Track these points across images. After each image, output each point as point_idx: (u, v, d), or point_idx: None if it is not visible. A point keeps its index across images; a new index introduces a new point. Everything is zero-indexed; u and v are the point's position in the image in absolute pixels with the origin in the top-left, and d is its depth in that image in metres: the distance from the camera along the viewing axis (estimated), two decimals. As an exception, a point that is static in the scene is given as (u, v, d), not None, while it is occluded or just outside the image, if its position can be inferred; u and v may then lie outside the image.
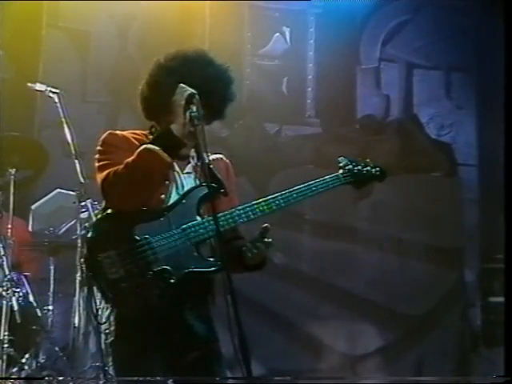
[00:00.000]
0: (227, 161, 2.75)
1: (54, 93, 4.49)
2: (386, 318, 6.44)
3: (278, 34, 6.74)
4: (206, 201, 2.51)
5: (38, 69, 6.01)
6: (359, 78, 6.87)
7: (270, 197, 2.55)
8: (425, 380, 5.33)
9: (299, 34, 6.78)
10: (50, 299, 4.82)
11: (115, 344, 2.51)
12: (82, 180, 4.42)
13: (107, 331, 2.55)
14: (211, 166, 2.50)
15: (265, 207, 2.53)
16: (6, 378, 4.20)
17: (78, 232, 4.60)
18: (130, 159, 2.46)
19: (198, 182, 2.58)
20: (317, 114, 6.79)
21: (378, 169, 2.73)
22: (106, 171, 2.48)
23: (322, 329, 6.20)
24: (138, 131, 2.65)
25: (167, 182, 2.54)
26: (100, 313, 4.77)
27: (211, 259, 2.48)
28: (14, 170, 4.70)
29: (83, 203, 4.47)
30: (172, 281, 2.42)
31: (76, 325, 4.49)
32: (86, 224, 4.51)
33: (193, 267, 2.46)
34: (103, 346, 4.65)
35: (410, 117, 6.96)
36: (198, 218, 2.51)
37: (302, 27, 6.76)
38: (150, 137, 2.60)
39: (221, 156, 2.72)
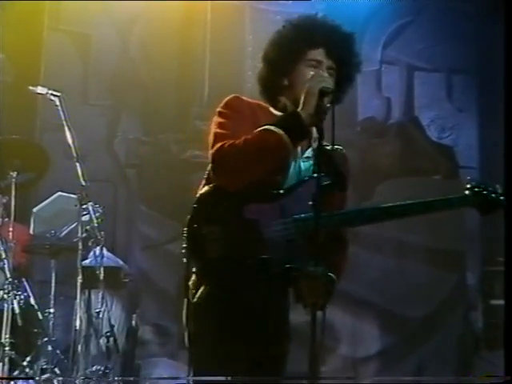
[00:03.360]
0: (346, 154, 2.52)
1: (55, 96, 4.50)
2: (387, 320, 6.44)
3: (279, 36, 6.74)
4: (324, 193, 2.26)
5: (39, 72, 6.01)
6: (360, 81, 6.86)
7: (389, 204, 2.38)
8: (425, 380, 5.33)
9: (300, 36, 6.77)
10: (51, 302, 4.82)
11: (198, 322, 2.30)
12: (83, 183, 4.43)
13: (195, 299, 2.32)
14: (332, 157, 2.35)
15: (383, 214, 2.40)
16: (6, 378, 4.21)
17: (79, 235, 4.60)
18: (249, 137, 2.27)
19: (315, 170, 2.34)
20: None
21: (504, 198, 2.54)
22: (221, 142, 2.27)
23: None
24: (261, 102, 2.48)
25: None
26: (101, 316, 4.78)
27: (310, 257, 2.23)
28: (16, 173, 4.70)
29: (84, 206, 4.47)
30: (272, 274, 2.23)
31: (77, 328, 4.49)
32: (88, 227, 4.52)
33: (295, 263, 2.25)
34: (104, 348, 4.70)
35: (410, 119, 6.97)
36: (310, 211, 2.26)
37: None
38: (275, 112, 2.44)
39: (341, 147, 2.49)
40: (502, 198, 2.54)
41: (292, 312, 2.47)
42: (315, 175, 2.28)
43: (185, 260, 2.29)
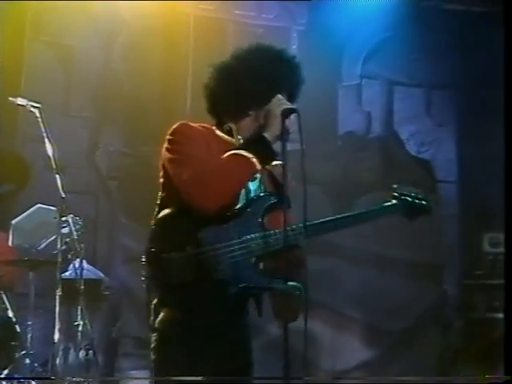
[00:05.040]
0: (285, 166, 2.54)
1: (35, 107, 4.47)
2: (368, 333, 6.46)
3: (261, 50, 6.77)
4: (271, 211, 2.41)
5: (19, 83, 5.99)
6: (341, 95, 6.91)
7: (331, 218, 2.48)
8: (424, 381, 5.32)
9: (282, 50, 6.81)
10: (30, 314, 4.78)
11: (161, 349, 2.36)
12: (63, 195, 4.40)
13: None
14: (276, 176, 2.48)
15: (331, 227, 2.49)
16: (5, 378, 4.19)
17: (59, 247, 4.57)
18: (220, 161, 2.35)
19: (262, 188, 2.50)
20: (299, 131, 6.80)
21: (425, 202, 2.69)
22: (188, 169, 2.32)
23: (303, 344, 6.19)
24: (205, 124, 2.54)
25: None
26: (81, 328, 4.74)
27: (270, 275, 2.37)
28: (-4, 184, 4.68)
29: (64, 218, 4.45)
30: (230, 293, 2.30)
31: (56, 341, 4.46)
32: (67, 239, 4.49)
33: (249, 282, 2.33)
34: (84, 361, 4.67)
35: (390, 134, 7.02)
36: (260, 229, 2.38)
37: (285, 44, 6.80)
38: (220, 133, 2.50)
39: (281, 162, 2.53)
40: (424, 202, 2.68)
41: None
42: (262, 194, 2.45)
43: (145, 285, 2.39)
